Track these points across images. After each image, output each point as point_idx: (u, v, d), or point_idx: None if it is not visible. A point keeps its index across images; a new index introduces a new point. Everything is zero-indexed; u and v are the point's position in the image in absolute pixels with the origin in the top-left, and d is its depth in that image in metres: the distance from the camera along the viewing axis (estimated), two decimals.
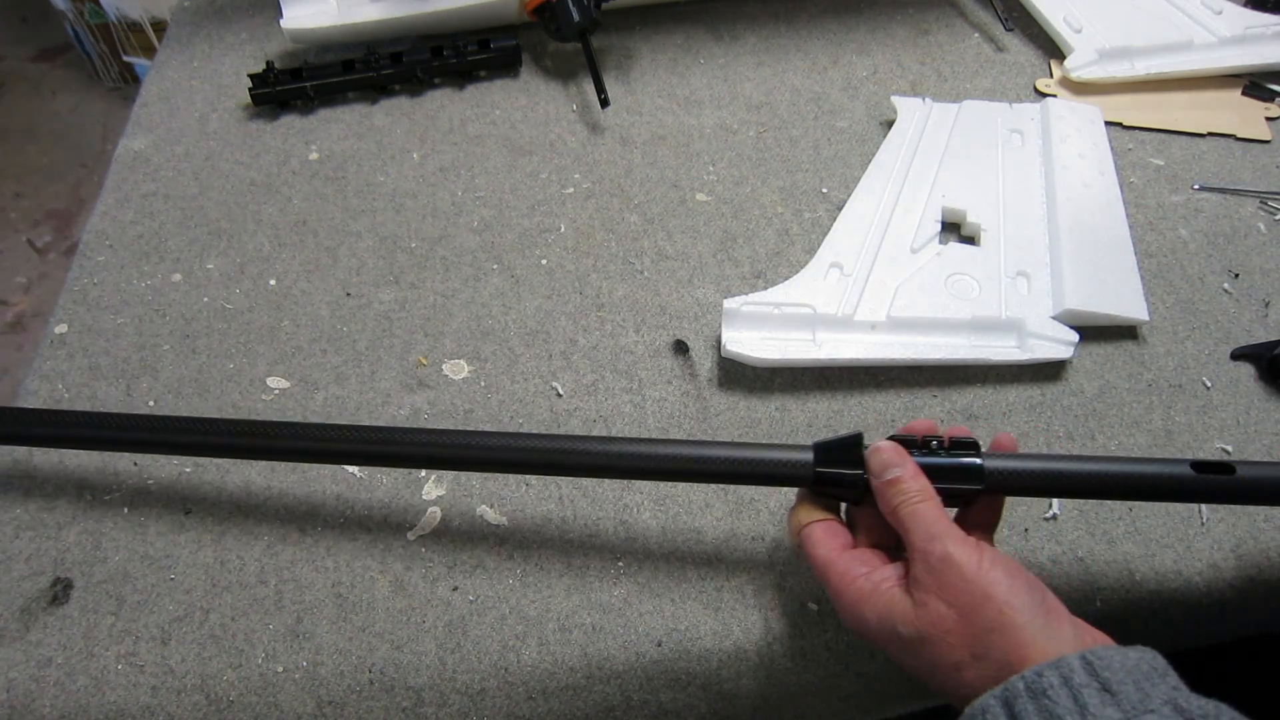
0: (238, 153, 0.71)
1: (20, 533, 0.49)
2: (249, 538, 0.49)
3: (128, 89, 2.19)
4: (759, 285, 0.61)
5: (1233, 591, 0.47)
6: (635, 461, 0.43)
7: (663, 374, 0.56)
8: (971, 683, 0.35)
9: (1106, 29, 0.75)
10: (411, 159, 0.70)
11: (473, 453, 0.44)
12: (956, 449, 0.41)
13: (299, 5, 0.75)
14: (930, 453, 0.41)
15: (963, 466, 0.41)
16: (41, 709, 0.43)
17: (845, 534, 0.42)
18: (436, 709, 0.43)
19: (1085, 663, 0.33)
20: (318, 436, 0.45)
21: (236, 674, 0.44)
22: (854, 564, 0.40)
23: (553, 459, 0.44)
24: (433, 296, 0.60)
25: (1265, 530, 0.48)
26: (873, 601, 0.38)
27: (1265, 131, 0.71)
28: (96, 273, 0.62)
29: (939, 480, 0.40)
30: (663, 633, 0.45)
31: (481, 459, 0.44)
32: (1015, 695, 0.33)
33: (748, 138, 0.72)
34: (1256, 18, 0.76)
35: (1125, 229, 0.62)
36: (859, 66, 0.78)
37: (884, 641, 0.38)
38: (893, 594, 0.38)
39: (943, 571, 0.36)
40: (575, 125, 0.73)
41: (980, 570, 0.36)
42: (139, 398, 0.55)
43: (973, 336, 0.56)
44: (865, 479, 0.41)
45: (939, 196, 0.64)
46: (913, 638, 0.36)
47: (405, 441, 0.44)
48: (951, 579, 0.36)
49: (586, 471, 0.46)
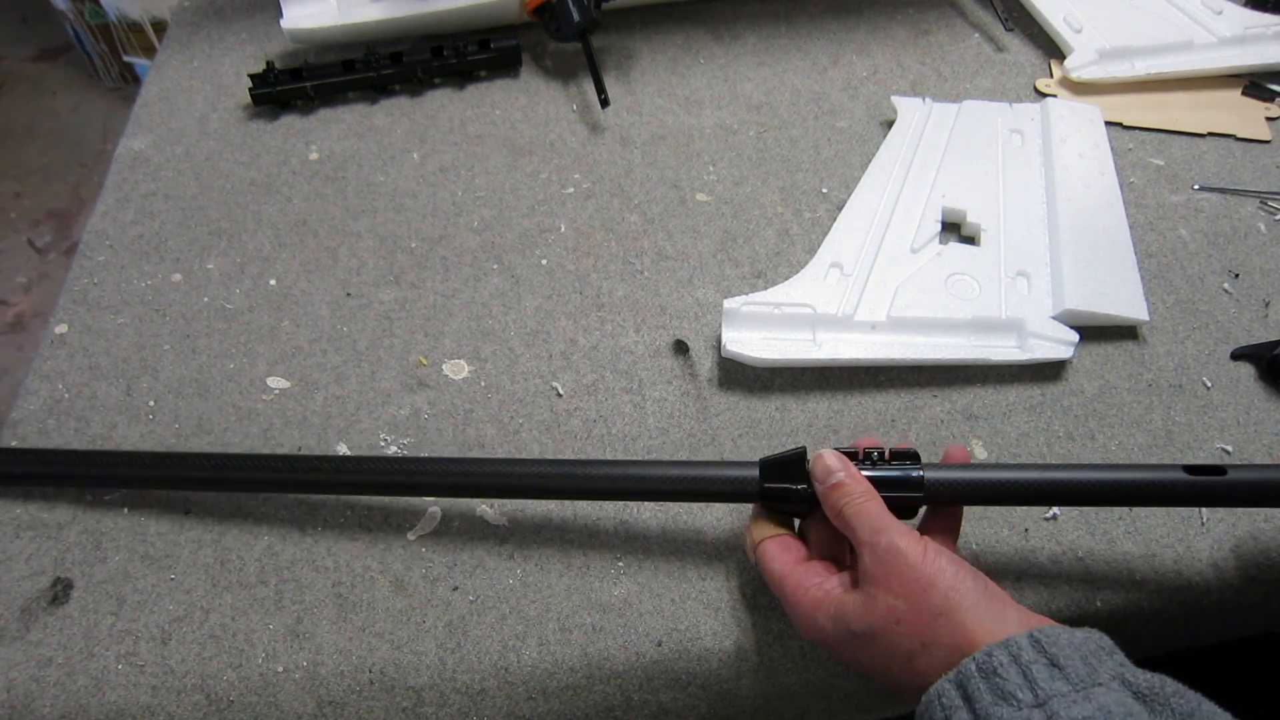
0: (238, 153, 0.71)
1: (20, 533, 0.49)
2: (249, 538, 0.49)
3: (128, 89, 2.19)
4: (759, 285, 0.61)
5: (1233, 591, 0.47)
6: (587, 482, 0.45)
7: (663, 374, 0.56)
8: (924, 671, 0.36)
9: (1106, 29, 0.75)
10: (411, 159, 0.70)
11: (403, 478, 0.47)
12: (897, 460, 0.43)
13: (299, 5, 0.75)
14: (872, 465, 0.43)
15: (903, 478, 0.42)
16: (41, 709, 0.43)
17: (799, 548, 0.43)
18: (436, 709, 0.43)
19: (1033, 640, 0.34)
20: (295, 468, 0.48)
21: (236, 674, 0.44)
22: (807, 575, 0.41)
23: (501, 483, 0.46)
24: (433, 296, 0.60)
25: (1265, 530, 0.48)
26: (825, 606, 0.39)
27: (1265, 131, 0.71)
28: (96, 273, 0.62)
29: (881, 490, 0.41)
30: (663, 633, 0.45)
31: (411, 484, 0.47)
32: (968, 677, 0.34)
33: (748, 138, 0.72)
34: (1257, 18, 0.76)
35: (1125, 229, 0.62)
36: (859, 66, 0.78)
37: (838, 643, 0.39)
38: (844, 596, 0.39)
39: (889, 562, 0.37)
40: (575, 125, 0.73)
41: (925, 558, 0.37)
42: (139, 398, 0.55)
43: (973, 336, 0.56)
44: (810, 492, 0.42)
45: (939, 196, 0.64)
46: (865, 632, 0.37)
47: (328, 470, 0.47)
48: (899, 569, 0.37)
49: (537, 494, 0.48)
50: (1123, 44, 0.74)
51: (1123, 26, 0.75)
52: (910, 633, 0.36)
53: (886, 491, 0.42)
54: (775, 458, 0.44)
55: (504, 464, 0.47)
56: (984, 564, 0.48)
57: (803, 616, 0.40)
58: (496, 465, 0.47)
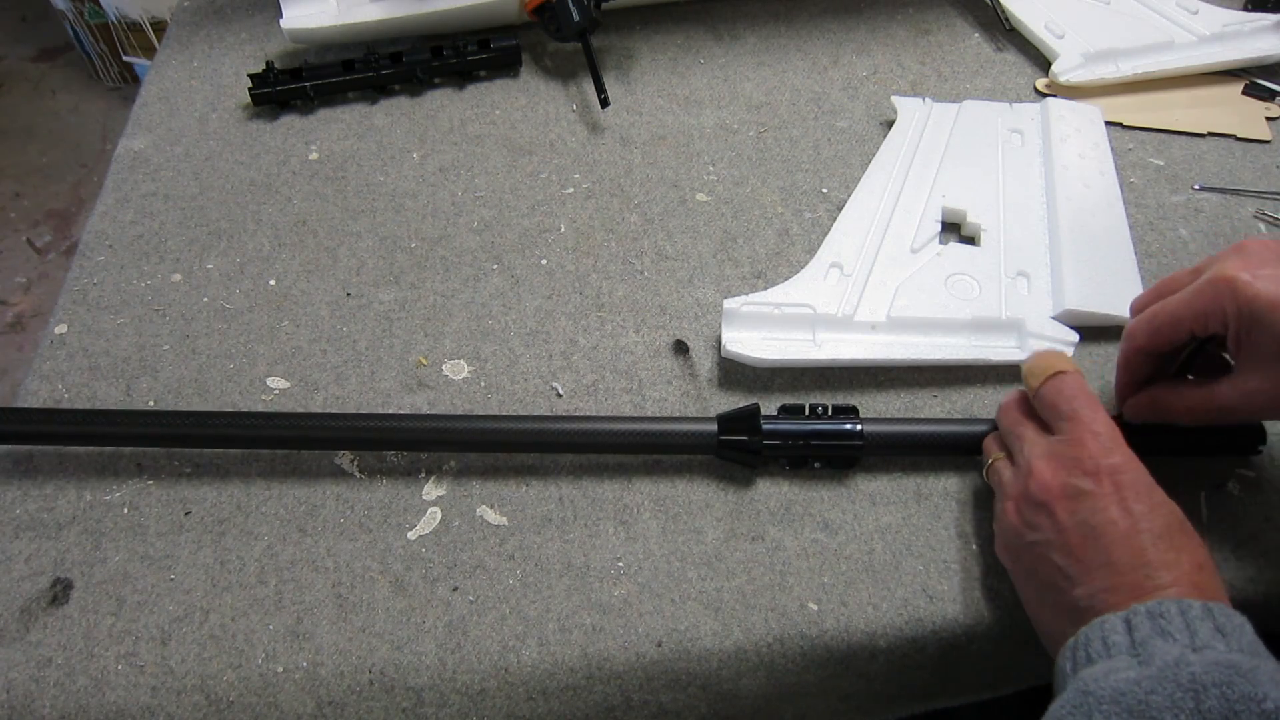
0: (238, 153, 0.71)
1: (20, 533, 0.49)
2: (249, 538, 0.49)
3: (128, 89, 2.19)
4: (759, 285, 0.61)
5: (1232, 591, 0.47)
6: (551, 437, 0.49)
7: (663, 374, 0.56)
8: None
9: (1088, 34, 0.76)
10: (411, 159, 0.70)
11: (385, 434, 0.49)
12: (839, 414, 0.50)
13: (299, 5, 0.75)
14: (816, 418, 0.50)
15: (845, 429, 0.49)
16: (41, 709, 0.43)
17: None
18: (436, 709, 0.43)
19: (1206, 608, 0.36)
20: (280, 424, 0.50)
21: (236, 674, 0.44)
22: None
23: (463, 438, 0.50)
24: (433, 296, 0.60)
25: (1265, 530, 0.48)
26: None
27: (1265, 131, 0.71)
28: (96, 273, 0.62)
29: (824, 440, 0.49)
30: (663, 633, 0.45)
31: (396, 439, 0.50)
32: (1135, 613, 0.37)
33: (748, 138, 0.72)
34: (1233, 15, 0.78)
35: (1125, 229, 0.62)
36: (859, 66, 0.78)
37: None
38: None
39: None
40: (575, 125, 0.73)
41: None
42: (139, 398, 0.55)
43: (973, 337, 0.56)
44: (761, 444, 0.48)
45: (939, 196, 0.64)
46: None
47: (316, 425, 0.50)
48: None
49: (501, 448, 0.51)
50: (1106, 47, 0.75)
51: (1103, 30, 0.77)
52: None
53: (829, 440, 0.48)
54: (732, 412, 0.50)
55: (462, 420, 0.51)
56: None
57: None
58: (459, 421, 0.50)
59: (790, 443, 0.49)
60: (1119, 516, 0.39)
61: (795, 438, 0.49)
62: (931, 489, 0.50)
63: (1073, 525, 0.40)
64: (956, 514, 0.49)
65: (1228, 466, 0.51)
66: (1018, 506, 0.43)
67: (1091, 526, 0.39)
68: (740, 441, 0.48)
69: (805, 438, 0.49)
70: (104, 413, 0.51)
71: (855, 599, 0.46)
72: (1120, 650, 0.35)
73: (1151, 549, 0.38)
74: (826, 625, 0.45)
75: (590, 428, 0.49)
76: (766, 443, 0.49)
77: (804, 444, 0.49)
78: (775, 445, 0.49)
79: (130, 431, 0.49)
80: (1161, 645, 0.34)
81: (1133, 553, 0.38)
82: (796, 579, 0.47)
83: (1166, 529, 0.39)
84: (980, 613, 0.46)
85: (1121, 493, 0.40)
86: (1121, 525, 0.39)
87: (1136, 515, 0.39)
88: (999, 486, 0.45)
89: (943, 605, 0.46)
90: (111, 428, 0.49)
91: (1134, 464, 0.41)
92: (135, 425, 0.49)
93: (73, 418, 0.50)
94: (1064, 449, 0.42)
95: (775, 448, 0.49)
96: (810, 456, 0.50)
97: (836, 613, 0.46)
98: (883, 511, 0.49)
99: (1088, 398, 0.44)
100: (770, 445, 0.49)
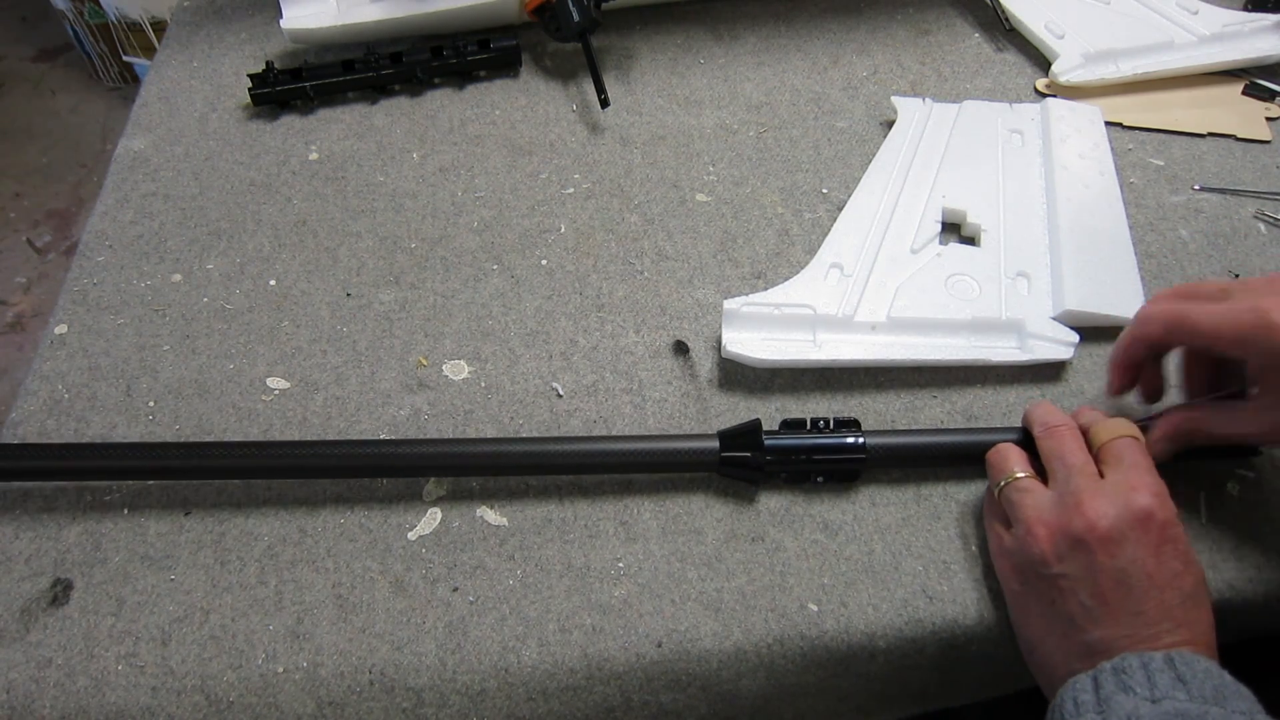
0: (238, 153, 0.71)
1: (20, 533, 0.49)
2: (249, 538, 0.49)
3: (128, 89, 2.19)
4: (759, 286, 0.61)
5: (1232, 591, 0.47)
6: (551, 459, 0.48)
7: (663, 374, 0.56)
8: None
9: (1088, 34, 0.76)
10: (411, 159, 0.70)
11: (381, 460, 0.48)
12: (841, 428, 0.49)
13: (299, 5, 0.75)
14: (818, 432, 0.49)
15: (848, 443, 0.48)
16: (41, 710, 0.43)
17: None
18: (436, 710, 0.43)
19: (1168, 659, 0.38)
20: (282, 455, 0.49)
21: (236, 675, 0.44)
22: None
23: (462, 462, 0.49)
24: (433, 297, 0.60)
25: (1265, 531, 0.48)
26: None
27: (1265, 131, 0.71)
28: (96, 273, 0.62)
29: (825, 454, 0.48)
30: (663, 633, 0.45)
31: (392, 466, 0.49)
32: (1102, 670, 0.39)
33: (748, 138, 0.72)
34: (1233, 16, 0.78)
35: (1125, 229, 0.62)
36: (859, 66, 0.78)
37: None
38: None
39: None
40: (575, 125, 0.73)
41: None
42: (139, 398, 0.55)
43: (973, 337, 0.56)
44: (764, 460, 0.47)
45: (939, 197, 0.64)
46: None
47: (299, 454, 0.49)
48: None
49: (500, 472, 0.50)
50: (1105, 47, 0.75)
51: (1103, 31, 0.77)
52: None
53: (831, 455, 0.48)
54: (734, 428, 0.49)
55: (465, 444, 0.50)
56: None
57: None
58: (458, 445, 0.49)
59: (793, 458, 0.48)
60: (1155, 571, 0.40)
61: (797, 453, 0.48)
62: (931, 490, 0.50)
63: (1109, 570, 0.40)
64: (956, 515, 0.49)
65: (1228, 467, 0.51)
66: (1052, 535, 0.42)
67: (1128, 575, 0.40)
68: (743, 458, 0.48)
69: (807, 452, 0.48)
70: (91, 446, 0.50)
71: (855, 600, 0.46)
72: (1088, 709, 0.37)
73: (1179, 608, 0.40)
74: (826, 626, 0.45)
75: (590, 449, 0.48)
76: (769, 459, 0.48)
77: (806, 459, 0.48)
78: (777, 460, 0.48)
79: (120, 465, 0.49)
80: (1121, 700, 0.36)
81: (1162, 609, 0.39)
82: (796, 580, 0.47)
83: (1194, 590, 0.41)
84: (980, 613, 0.46)
85: (1162, 549, 0.41)
86: (1157, 580, 0.40)
87: (1172, 574, 0.40)
88: (1021, 508, 0.44)
89: (943, 606, 0.46)
90: (101, 461, 0.48)
91: (1178, 521, 0.42)
92: (125, 458, 0.48)
93: (59, 453, 0.49)
94: (1117, 495, 0.42)
95: (777, 463, 0.48)
96: (812, 471, 0.49)
97: (836, 613, 0.46)
98: (882, 512, 0.49)
99: (1145, 455, 0.45)
100: (772, 461, 0.48)
